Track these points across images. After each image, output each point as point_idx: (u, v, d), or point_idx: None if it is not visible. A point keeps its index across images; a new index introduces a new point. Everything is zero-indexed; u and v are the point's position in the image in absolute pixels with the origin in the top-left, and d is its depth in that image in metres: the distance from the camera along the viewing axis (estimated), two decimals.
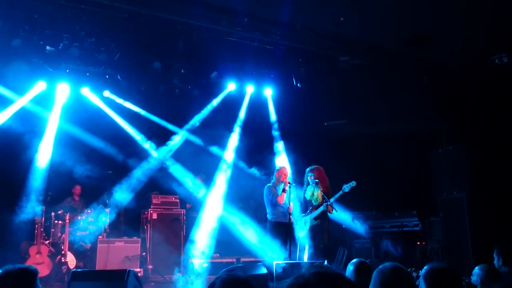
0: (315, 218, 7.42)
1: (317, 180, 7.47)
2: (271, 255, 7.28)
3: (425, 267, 2.89)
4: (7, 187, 8.53)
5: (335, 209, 7.22)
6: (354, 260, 3.89)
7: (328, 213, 7.25)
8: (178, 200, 9.68)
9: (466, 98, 9.40)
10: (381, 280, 2.35)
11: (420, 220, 9.73)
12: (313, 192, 7.52)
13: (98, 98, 9.85)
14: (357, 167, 10.39)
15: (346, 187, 7.38)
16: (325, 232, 7.42)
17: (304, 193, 7.66)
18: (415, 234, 9.80)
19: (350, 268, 3.83)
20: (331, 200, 7.27)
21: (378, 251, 9.87)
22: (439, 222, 9.22)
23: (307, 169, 7.68)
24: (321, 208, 7.35)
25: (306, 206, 7.69)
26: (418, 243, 9.79)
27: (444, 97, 9.51)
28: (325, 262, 7.10)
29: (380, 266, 2.43)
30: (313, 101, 10.51)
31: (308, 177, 7.57)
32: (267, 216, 7.60)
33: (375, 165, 10.52)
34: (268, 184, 7.73)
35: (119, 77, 9.51)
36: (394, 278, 2.34)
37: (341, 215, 9.38)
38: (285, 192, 7.43)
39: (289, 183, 7.46)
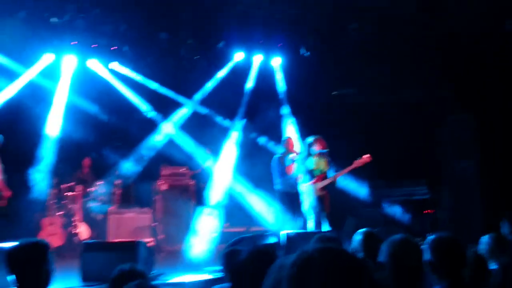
0: (322, 189, 7.43)
1: (326, 150, 7.45)
2: (279, 225, 7.36)
3: (431, 237, 2.91)
4: (18, 160, 8.62)
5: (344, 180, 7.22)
6: (361, 230, 3.90)
7: (333, 183, 7.25)
8: (187, 171, 9.77)
9: (476, 65, 9.23)
10: (390, 252, 2.38)
11: (429, 188, 9.71)
12: (318, 162, 7.50)
13: (105, 70, 9.83)
14: (366, 136, 10.35)
15: (360, 163, 7.32)
16: (327, 200, 7.45)
17: (306, 163, 7.62)
18: (424, 202, 9.80)
19: (357, 237, 3.85)
20: (340, 171, 7.25)
21: (386, 220, 9.89)
22: (448, 191, 9.20)
23: (310, 140, 7.60)
24: (329, 180, 7.35)
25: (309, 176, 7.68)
26: (427, 211, 9.80)
27: (453, 64, 9.35)
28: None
29: (390, 238, 2.45)
30: (321, 70, 10.39)
31: (312, 147, 7.52)
32: (275, 186, 7.64)
33: (384, 134, 10.45)
34: (276, 155, 7.74)
35: (125, 48, 9.47)
36: (403, 250, 2.36)
37: (349, 184, 9.40)
38: (294, 163, 7.43)
39: (297, 153, 7.46)
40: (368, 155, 7.36)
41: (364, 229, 3.93)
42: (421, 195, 9.76)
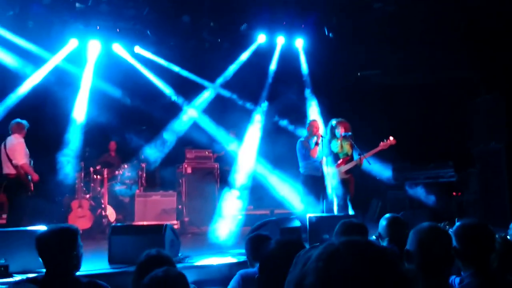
0: (347, 172, 7.38)
1: (350, 133, 7.37)
2: (304, 208, 7.36)
3: (457, 223, 2.86)
4: (47, 145, 8.81)
5: (369, 162, 7.14)
6: (387, 215, 3.88)
7: (359, 165, 7.18)
8: (211, 154, 9.84)
9: (506, 44, 8.93)
10: (418, 240, 2.34)
11: (456, 171, 9.54)
12: (342, 145, 7.44)
13: (129, 54, 9.90)
14: (392, 118, 10.20)
15: (385, 146, 7.22)
16: (352, 183, 7.41)
17: (330, 146, 7.56)
18: (451, 185, 9.66)
19: (383, 223, 3.83)
20: (364, 153, 7.16)
21: (412, 202, 9.78)
22: (476, 174, 9.03)
23: (334, 122, 7.53)
24: (354, 162, 7.29)
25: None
26: (454, 193, 9.66)
27: (483, 44, 9.07)
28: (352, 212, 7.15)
29: (418, 226, 2.42)
30: (345, 51, 10.23)
31: (335, 130, 7.46)
32: (300, 170, 7.62)
33: (411, 116, 10.29)
34: (301, 139, 7.70)
35: (148, 32, 9.50)
36: (431, 238, 2.33)
37: (375, 166, 9.31)
38: (318, 146, 7.39)
39: (321, 136, 7.41)
40: (392, 138, 7.26)
41: (389, 215, 3.90)
42: (448, 178, 9.61)
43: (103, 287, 2.79)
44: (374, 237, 6.28)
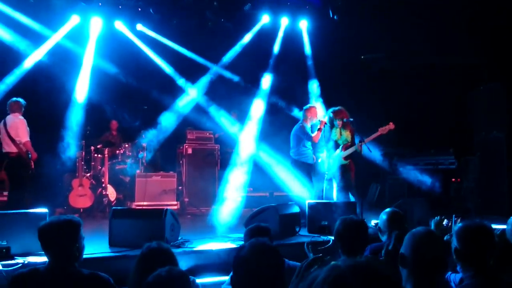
0: (346, 158, 7.36)
1: (352, 119, 7.33)
2: (301, 193, 7.38)
3: (459, 224, 2.88)
4: (48, 123, 8.78)
5: (370, 149, 7.11)
6: (387, 210, 3.90)
7: (358, 151, 7.15)
8: (212, 136, 9.83)
9: (510, 33, 8.84)
10: (413, 244, 2.37)
11: (456, 158, 9.56)
12: (341, 132, 7.41)
13: (131, 32, 9.79)
14: (394, 103, 10.17)
15: (384, 130, 7.18)
16: (352, 171, 7.40)
17: (330, 133, 7.53)
18: (450, 172, 9.68)
19: (383, 217, 3.86)
20: (364, 139, 7.12)
21: (411, 188, 9.83)
22: (476, 161, 9.05)
23: (331, 112, 7.47)
24: (353, 148, 7.27)
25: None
26: (453, 180, 9.69)
27: (486, 32, 8.97)
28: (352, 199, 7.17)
29: (413, 230, 2.44)
30: (349, 33, 10.12)
31: (335, 118, 7.39)
32: (291, 154, 7.62)
33: (413, 101, 10.25)
34: (300, 123, 7.65)
35: (151, 10, 9.38)
36: (425, 243, 2.36)
37: (374, 152, 9.31)
38: (320, 131, 7.37)
39: (325, 122, 7.38)
40: (392, 123, 7.22)
41: (389, 209, 3.92)
42: (448, 165, 9.63)
43: (104, 280, 2.81)
44: (373, 224, 6.35)
